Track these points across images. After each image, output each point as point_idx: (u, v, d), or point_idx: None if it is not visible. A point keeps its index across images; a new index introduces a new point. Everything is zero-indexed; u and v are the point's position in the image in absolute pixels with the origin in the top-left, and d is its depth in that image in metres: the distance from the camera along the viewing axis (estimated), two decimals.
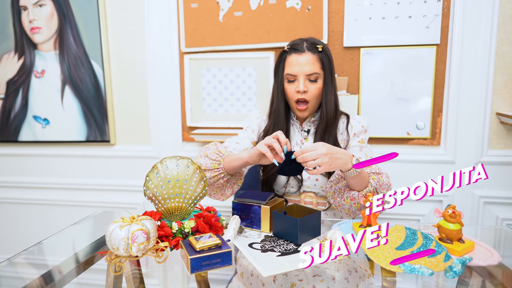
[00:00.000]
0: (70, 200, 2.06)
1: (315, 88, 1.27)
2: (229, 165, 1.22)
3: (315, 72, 1.26)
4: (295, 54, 1.28)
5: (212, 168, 1.24)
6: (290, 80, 1.29)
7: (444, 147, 1.64)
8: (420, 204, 1.69)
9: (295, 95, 1.28)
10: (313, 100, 1.28)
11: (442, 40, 1.58)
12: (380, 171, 1.21)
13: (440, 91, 1.61)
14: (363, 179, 1.16)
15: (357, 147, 1.32)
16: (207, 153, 1.27)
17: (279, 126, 1.33)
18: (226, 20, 1.72)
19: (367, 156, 1.32)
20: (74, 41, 1.91)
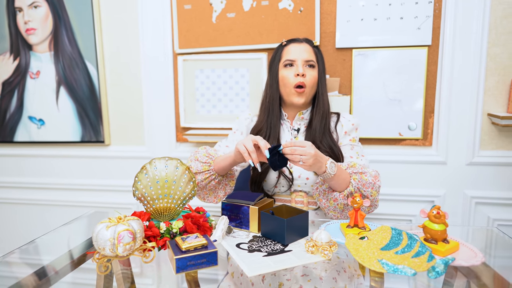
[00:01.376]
0: (65, 200, 2.07)
1: (312, 76, 1.29)
2: (219, 166, 1.24)
3: (312, 59, 1.30)
4: (293, 43, 1.33)
5: (203, 170, 1.26)
6: (288, 65, 1.31)
7: (436, 147, 1.65)
8: (412, 204, 1.70)
9: (294, 80, 1.28)
10: (309, 88, 1.29)
11: (433, 41, 1.58)
12: (364, 170, 1.21)
13: (431, 92, 1.62)
14: (343, 180, 1.17)
15: (348, 146, 1.33)
16: (197, 157, 1.29)
17: (273, 116, 1.33)
18: (219, 21, 1.73)
19: (358, 155, 1.32)
20: (69, 42, 1.92)
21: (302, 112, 1.36)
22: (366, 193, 1.16)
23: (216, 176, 1.27)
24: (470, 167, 1.62)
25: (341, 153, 1.30)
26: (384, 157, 1.68)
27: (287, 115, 1.38)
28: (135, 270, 0.95)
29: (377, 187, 1.19)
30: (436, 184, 1.66)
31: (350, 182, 1.18)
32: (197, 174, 1.26)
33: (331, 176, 1.13)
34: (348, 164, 1.23)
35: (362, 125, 1.67)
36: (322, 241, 0.94)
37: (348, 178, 1.19)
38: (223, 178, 1.31)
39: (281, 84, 1.33)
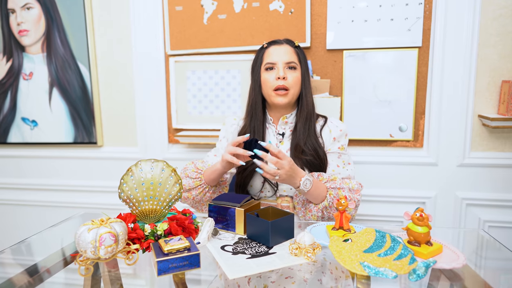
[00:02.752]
0: (57, 201, 2.07)
1: (294, 77, 1.28)
2: (209, 178, 1.28)
3: (293, 61, 1.29)
4: (274, 46, 1.32)
5: (195, 186, 1.29)
6: (269, 68, 1.30)
7: (427, 149, 1.65)
8: (403, 206, 1.70)
9: (275, 83, 1.27)
10: (292, 88, 1.28)
11: (424, 43, 1.58)
12: (342, 185, 1.23)
13: (422, 94, 1.62)
14: (318, 195, 1.20)
15: (335, 153, 1.32)
16: (187, 173, 1.31)
17: (256, 120, 1.33)
18: (211, 22, 1.73)
19: (344, 164, 1.33)
20: (61, 43, 1.92)
21: (285, 116, 1.35)
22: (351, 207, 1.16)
23: (209, 188, 1.31)
24: (461, 169, 1.62)
25: (326, 157, 1.30)
26: (375, 159, 1.68)
27: (272, 119, 1.37)
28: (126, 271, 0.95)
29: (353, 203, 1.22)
30: (427, 185, 1.66)
31: (326, 197, 1.22)
32: (191, 190, 1.30)
33: (305, 192, 1.17)
34: (328, 177, 1.25)
35: (353, 126, 1.68)
36: (305, 244, 0.94)
37: (325, 192, 1.21)
38: (216, 187, 1.34)
39: (263, 87, 1.32)
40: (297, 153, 1.28)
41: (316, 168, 1.29)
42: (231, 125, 1.43)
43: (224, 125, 1.46)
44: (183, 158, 1.88)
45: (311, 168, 1.29)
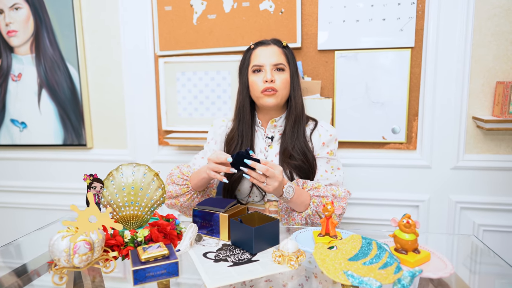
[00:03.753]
0: (47, 204, 2.05)
1: (282, 79, 1.25)
2: (196, 184, 1.25)
3: (281, 62, 1.25)
4: (261, 47, 1.28)
5: (182, 193, 1.26)
6: (256, 71, 1.26)
7: (420, 151, 1.61)
8: (396, 209, 1.67)
9: (262, 86, 1.24)
10: (281, 90, 1.25)
11: (416, 43, 1.55)
12: (326, 193, 1.21)
13: (415, 95, 1.59)
14: (301, 203, 1.18)
15: (324, 158, 1.30)
16: (173, 180, 1.28)
17: (244, 123, 1.31)
18: (200, 23, 1.70)
19: (333, 170, 1.30)
20: (50, 44, 1.89)
21: (274, 119, 1.32)
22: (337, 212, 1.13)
23: (197, 193, 1.29)
24: (455, 172, 1.59)
25: (315, 162, 1.27)
26: (367, 161, 1.65)
27: (261, 122, 1.34)
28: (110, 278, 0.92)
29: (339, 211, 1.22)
30: (420, 188, 1.63)
31: (309, 205, 1.20)
32: (178, 197, 1.27)
33: (287, 200, 1.15)
34: (312, 185, 1.23)
35: (345, 128, 1.64)
36: (288, 251, 0.91)
37: (308, 200, 1.19)
38: (204, 191, 1.32)
39: (251, 90, 1.29)
40: (285, 158, 1.26)
41: (305, 173, 1.26)
42: (219, 127, 1.40)
43: (213, 126, 1.43)
44: (173, 160, 1.86)
45: (300, 172, 1.26)
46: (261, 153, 1.32)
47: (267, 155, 1.31)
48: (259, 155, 1.32)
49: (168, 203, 1.30)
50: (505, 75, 1.50)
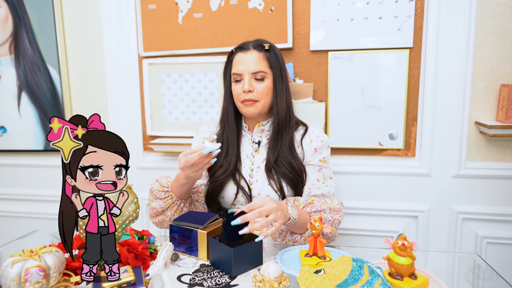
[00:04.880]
0: (27, 212, 1.96)
1: (263, 87, 1.17)
2: (179, 193, 1.16)
3: (261, 70, 1.17)
4: (240, 53, 1.20)
5: (167, 206, 1.17)
6: (236, 80, 1.20)
7: (419, 158, 1.52)
8: (394, 219, 1.57)
9: (241, 96, 1.18)
10: (262, 99, 1.18)
11: (415, 43, 1.45)
12: (322, 206, 1.13)
13: (414, 99, 1.49)
14: (304, 221, 1.08)
15: (316, 166, 1.21)
16: (155, 195, 1.19)
17: (229, 130, 1.24)
18: (186, 22, 1.61)
19: (325, 179, 1.21)
20: (29, 44, 1.80)
21: (261, 123, 1.23)
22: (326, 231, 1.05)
23: (184, 202, 1.20)
24: (456, 180, 1.49)
25: (304, 171, 1.18)
26: (363, 169, 1.56)
27: (248, 126, 1.26)
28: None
29: (336, 223, 1.14)
30: (419, 198, 1.53)
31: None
32: (165, 212, 1.18)
33: (295, 221, 1.03)
34: (306, 201, 1.14)
35: (339, 134, 1.55)
36: (270, 276, 0.81)
37: (308, 218, 1.10)
38: (191, 199, 1.24)
39: (234, 98, 1.23)
40: (268, 167, 1.17)
41: (293, 182, 1.17)
42: (204, 133, 1.33)
43: (198, 133, 1.35)
44: (159, 167, 1.76)
45: (288, 182, 1.18)
46: (247, 158, 1.24)
47: (254, 161, 1.23)
48: (245, 161, 1.23)
49: (156, 221, 1.21)
50: (510, 77, 1.41)
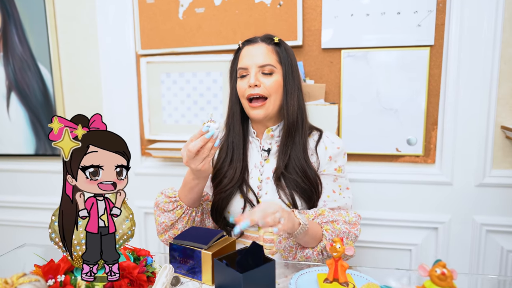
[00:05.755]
0: (16, 221, 1.84)
1: (271, 82, 1.05)
2: (188, 200, 1.04)
3: (269, 63, 1.05)
4: (247, 46, 1.09)
5: (178, 217, 1.04)
6: (242, 76, 1.08)
7: (440, 165, 1.40)
8: (411, 231, 1.45)
9: (247, 91, 1.06)
10: (271, 96, 1.06)
11: (436, 41, 1.34)
12: (334, 217, 1.01)
13: (434, 100, 1.38)
14: (315, 233, 0.96)
15: (331, 176, 1.09)
16: (162, 208, 1.06)
17: (234, 134, 1.12)
18: (187, 17, 1.49)
19: (341, 190, 1.09)
20: (19, 41, 1.68)
21: (271, 128, 1.11)
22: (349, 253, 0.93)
23: (195, 211, 1.07)
24: (480, 189, 1.38)
25: (319, 180, 1.06)
26: (378, 177, 1.44)
27: (256, 132, 1.14)
28: None
29: (352, 236, 1.00)
30: (439, 208, 1.42)
31: (322, 234, 0.98)
32: (175, 224, 1.05)
33: (305, 231, 0.91)
34: (315, 212, 1.02)
35: (353, 139, 1.43)
36: None
37: (319, 229, 0.97)
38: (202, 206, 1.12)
39: (239, 95, 1.11)
40: (277, 175, 1.05)
41: (307, 194, 1.05)
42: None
43: None
44: (158, 173, 1.64)
45: (301, 193, 1.06)
46: (255, 168, 1.12)
47: (263, 171, 1.11)
48: (253, 171, 1.12)
49: (165, 238, 1.08)
50: None
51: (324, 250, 1.00)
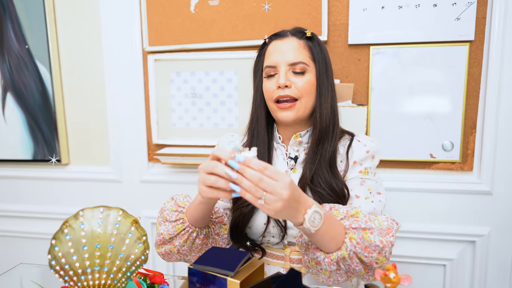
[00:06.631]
0: (11, 231, 1.72)
1: (304, 82, 0.93)
2: (194, 218, 0.88)
3: (301, 61, 0.92)
4: (275, 41, 0.97)
5: (177, 232, 0.88)
6: (269, 75, 0.96)
7: (478, 173, 1.28)
8: (446, 245, 1.33)
9: (275, 93, 0.93)
10: (302, 97, 0.93)
11: (477, 36, 1.22)
12: (369, 224, 0.80)
13: (473, 102, 1.25)
14: (331, 238, 0.77)
15: (356, 179, 0.95)
16: (165, 216, 0.91)
17: (258, 140, 0.99)
18: (199, 11, 1.36)
19: (371, 194, 0.94)
20: (16, 38, 1.55)
21: (299, 134, 0.99)
22: (368, 259, 0.77)
23: (198, 232, 0.91)
24: None
25: (347, 190, 0.92)
26: (410, 185, 1.32)
27: (282, 137, 1.01)
28: None
29: (386, 252, 0.78)
30: (478, 220, 1.30)
31: (343, 242, 0.78)
32: (173, 240, 0.90)
33: (311, 232, 0.74)
34: (347, 212, 0.82)
35: (383, 144, 1.31)
36: None
37: (342, 235, 0.78)
38: (209, 229, 0.94)
39: (265, 98, 0.98)
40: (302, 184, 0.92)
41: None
42: (228, 143, 1.08)
43: (218, 144, 1.10)
44: (167, 180, 1.52)
45: None
46: None
47: None
48: None
49: (161, 252, 0.93)
50: None
51: (342, 263, 0.79)
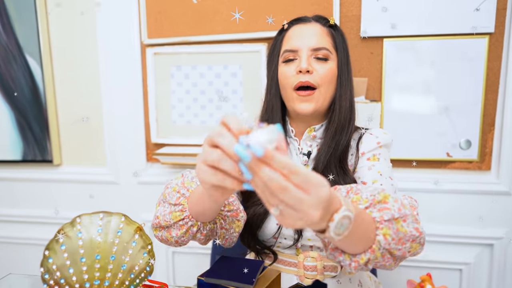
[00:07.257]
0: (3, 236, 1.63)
1: (326, 69, 0.86)
2: (195, 211, 0.72)
3: (324, 47, 0.86)
4: (297, 25, 0.90)
5: (174, 221, 0.73)
6: (288, 59, 0.88)
7: (497, 173, 1.23)
8: (463, 248, 1.28)
9: (295, 79, 0.86)
10: (322, 87, 0.86)
11: (497, 28, 1.17)
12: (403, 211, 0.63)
13: (493, 97, 1.20)
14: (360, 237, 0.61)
15: (364, 168, 0.87)
16: (165, 195, 0.77)
17: None
18: (202, 0, 1.29)
19: (381, 176, 0.85)
20: (3, 30, 1.47)
21: (313, 128, 0.91)
22: (401, 251, 0.63)
23: (200, 226, 0.75)
24: None
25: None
26: (425, 185, 1.26)
27: (295, 131, 0.94)
28: None
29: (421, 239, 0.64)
30: (496, 221, 1.25)
31: (376, 240, 0.62)
32: (170, 229, 0.75)
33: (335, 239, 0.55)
34: (373, 199, 0.64)
35: (397, 142, 1.24)
36: None
37: (372, 232, 0.61)
38: (217, 226, 0.79)
39: (281, 86, 0.90)
40: None
41: None
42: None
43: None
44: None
45: None
46: None
47: None
48: None
49: (158, 236, 0.79)
50: None
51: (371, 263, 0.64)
